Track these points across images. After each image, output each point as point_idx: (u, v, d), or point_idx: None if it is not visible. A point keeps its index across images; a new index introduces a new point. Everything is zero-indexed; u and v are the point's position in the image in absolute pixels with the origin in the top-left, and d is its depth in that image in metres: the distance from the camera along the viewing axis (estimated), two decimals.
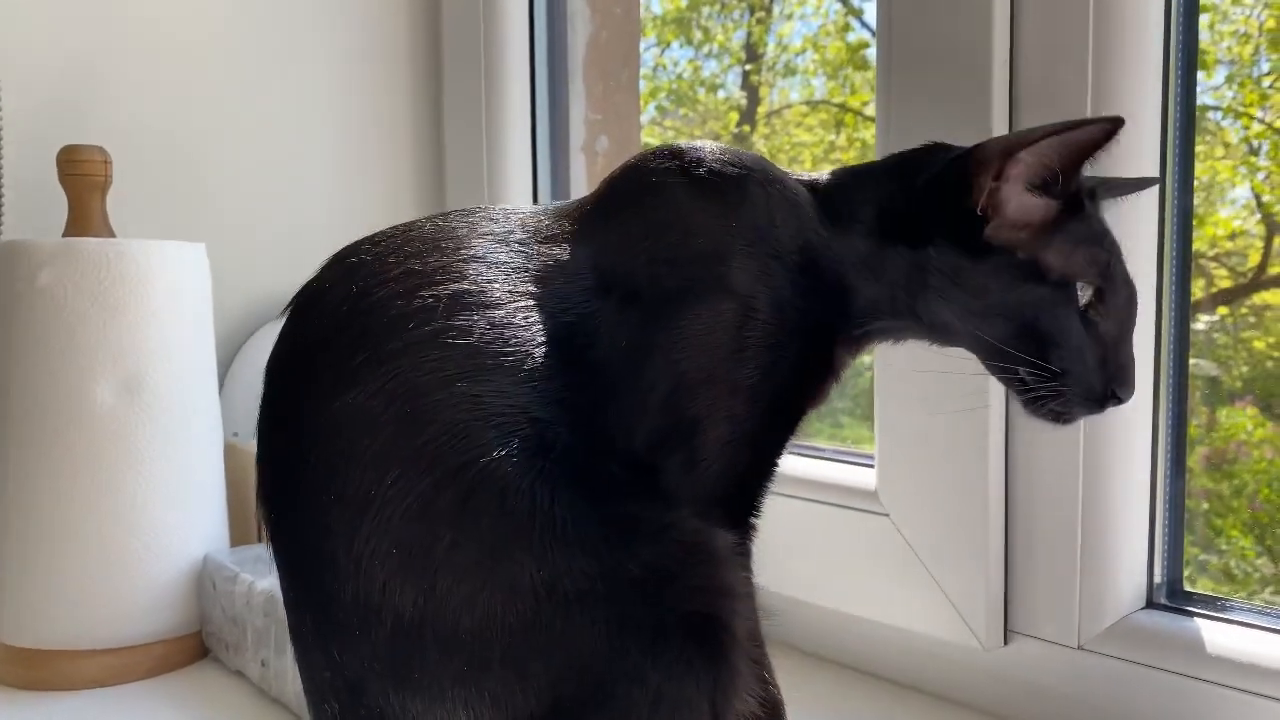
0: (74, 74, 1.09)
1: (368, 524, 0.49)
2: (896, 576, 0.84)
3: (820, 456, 0.96)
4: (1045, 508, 0.78)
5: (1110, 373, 0.59)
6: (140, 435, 0.90)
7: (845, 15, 1.86)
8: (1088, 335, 0.58)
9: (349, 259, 0.56)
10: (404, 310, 0.52)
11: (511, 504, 0.49)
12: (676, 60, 2.16)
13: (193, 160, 1.18)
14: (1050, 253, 0.58)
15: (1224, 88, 1.03)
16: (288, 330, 0.55)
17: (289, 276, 1.24)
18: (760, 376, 0.57)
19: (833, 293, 0.60)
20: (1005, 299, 0.58)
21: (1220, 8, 1.00)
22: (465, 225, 0.57)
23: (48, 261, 0.88)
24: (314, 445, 0.51)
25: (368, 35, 1.33)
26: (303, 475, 0.52)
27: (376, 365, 0.51)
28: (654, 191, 0.59)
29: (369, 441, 0.50)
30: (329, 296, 0.54)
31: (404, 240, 0.56)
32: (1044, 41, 0.76)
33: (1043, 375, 0.58)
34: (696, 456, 0.56)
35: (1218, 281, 1.10)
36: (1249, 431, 1.05)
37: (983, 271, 0.58)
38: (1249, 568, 1.03)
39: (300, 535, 0.52)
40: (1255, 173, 1.06)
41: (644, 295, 0.56)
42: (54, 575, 0.88)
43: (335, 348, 0.52)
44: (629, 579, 0.50)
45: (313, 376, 0.52)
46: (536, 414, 0.51)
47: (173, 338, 0.92)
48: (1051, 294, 0.58)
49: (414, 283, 0.53)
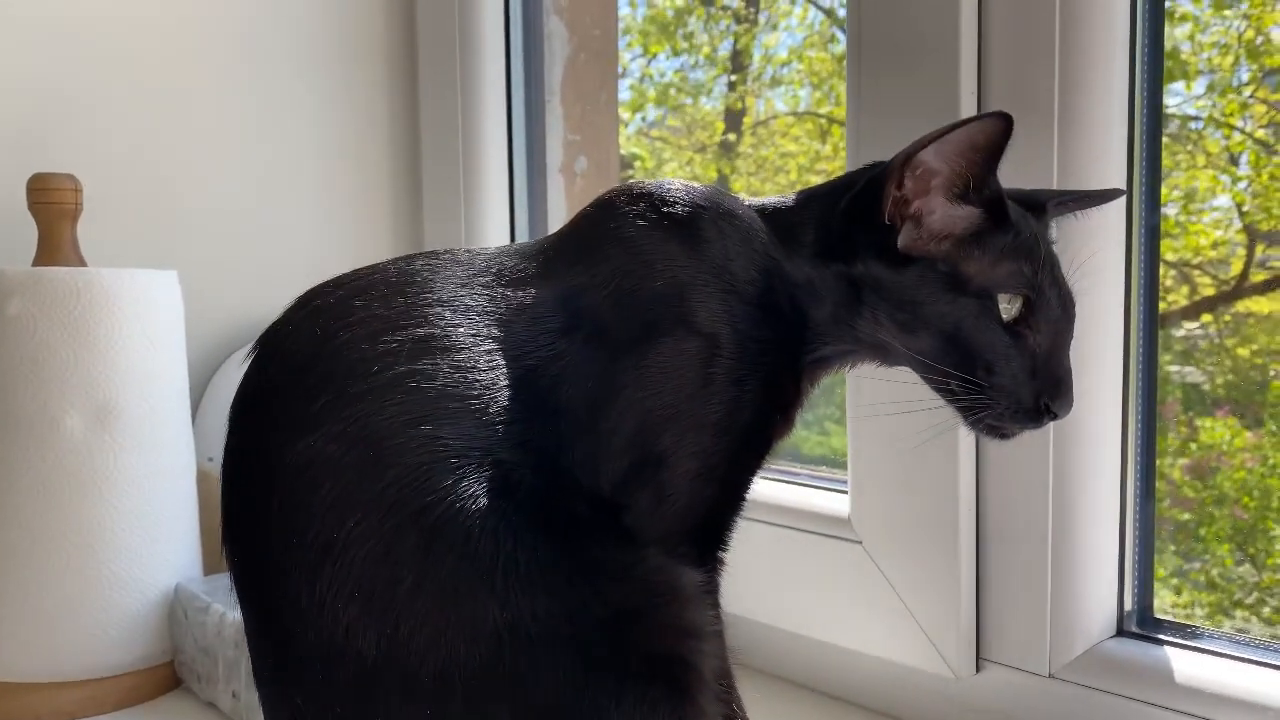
0: (43, 100, 1.09)
1: (330, 567, 0.49)
2: (869, 604, 0.84)
3: (794, 482, 0.96)
4: (1016, 536, 0.79)
5: (1041, 385, 0.58)
6: (111, 464, 0.89)
7: (829, 26, 1.87)
8: (1015, 347, 0.58)
9: (313, 302, 0.56)
10: (367, 354, 0.52)
11: (474, 546, 0.49)
12: (663, 71, 2.17)
13: (165, 187, 1.17)
14: (970, 263, 0.58)
15: (1205, 97, 1.03)
16: (252, 372, 0.55)
17: (263, 301, 1.25)
18: (725, 411, 0.57)
19: (789, 319, 0.60)
20: (928, 311, 0.58)
21: (1200, 19, 1.01)
22: (430, 269, 0.57)
23: (16, 291, 0.87)
24: (277, 488, 0.51)
25: (342, 55, 1.32)
26: (266, 518, 0.51)
27: (339, 409, 0.51)
28: (617, 233, 0.59)
29: (331, 485, 0.50)
30: (293, 339, 0.54)
31: (368, 284, 0.56)
32: (1013, 35, 0.76)
33: (970, 388, 0.58)
34: (664, 492, 0.56)
35: (1201, 289, 1.10)
36: (1228, 441, 1.06)
37: (906, 284, 0.58)
38: (1231, 576, 1.04)
39: (264, 577, 0.52)
40: (1236, 182, 1.06)
41: (609, 335, 0.56)
42: (23, 606, 0.88)
43: (298, 390, 0.52)
44: (594, 620, 0.50)
45: (276, 419, 0.52)
46: (500, 456, 0.51)
47: (144, 366, 0.91)
48: (974, 305, 0.58)
49: (377, 326, 0.53)
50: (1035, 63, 0.75)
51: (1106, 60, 0.75)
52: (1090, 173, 0.75)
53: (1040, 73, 0.74)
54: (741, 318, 0.58)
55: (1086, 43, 0.74)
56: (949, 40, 0.77)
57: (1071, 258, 0.71)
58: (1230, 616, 1.04)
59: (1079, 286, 0.62)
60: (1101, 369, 0.77)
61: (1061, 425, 0.76)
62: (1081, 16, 0.74)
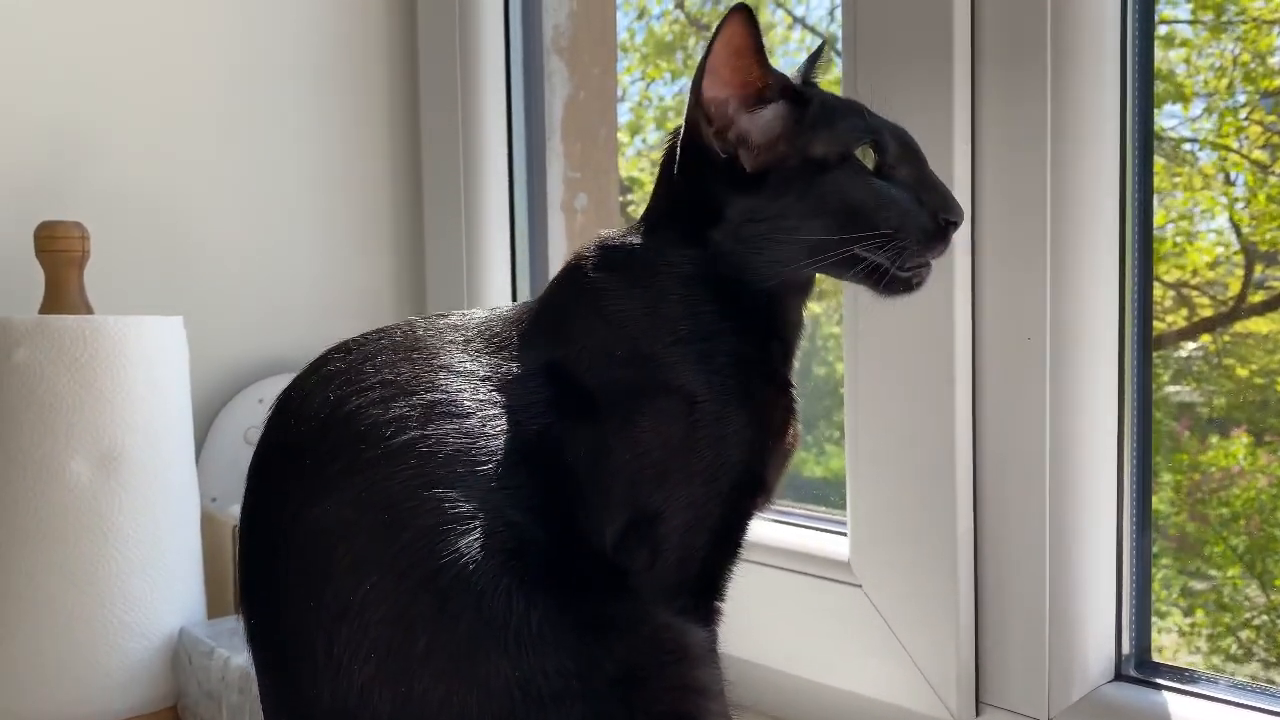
0: (50, 148, 1.10)
1: (346, 629, 0.50)
2: (869, 647, 0.85)
3: (794, 524, 0.96)
4: (1014, 580, 0.79)
5: (933, 204, 0.61)
6: (116, 509, 0.90)
7: (828, 51, 1.89)
8: (893, 187, 0.61)
9: (325, 367, 0.57)
10: (379, 419, 0.53)
11: (487, 606, 0.50)
12: (662, 96, 2.19)
13: (170, 232, 1.18)
14: (813, 144, 0.61)
15: (1202, 119, 1.05)
16: (268, 436, 0.57)
17: (266, 343, 1.26)
18: (713, 457, 0.58)
19: (731, 308, 0.61)
20: (810, 202, 0.60)
21: (1196, 42, 1.02)
22: (432, 333, 0.59)
23: (24, 339, 0.88)
24: (293, 551, 0.52)
25: (344, 96, 1.34)
26: (284, 580, 0.53)
27: (353, 474, 0.52)
28: (584, 298, 0.61)
29: (347, 549, 0.51)
30: (307, 404, 0.55)
31: (377, 349, 0.57)
32: (1007, 45, 0.77)
33: (879, 241, 0.60)
34: (659, 547, 0.58)
35: (1200, 310, 1.11)
36: (1240, 459, 1.06)
37: (776, 193, 0.61)
38: (1240, 596, 1.04)
39: (280, 638, 0.53)
40: (1234, 203, 1.07)
41: (595, 401, 0.58)
42: (27, 650, 0.88)
43: (313, 455, 0.53)
44: (604, 678, 0.51)
45: (292, 483, 0.54)
46: (511, 518, 0.53)
47: (149, 411, 0.92)
48: (841, 173, 0.60)
49: (389, 392, 0.54)
50: (1028, 70, 0.76)
51: (1098, 79, 0.76)
52: (1085, 192, 0.76)
53: (1033, 90, 0.76)
54: (706, 351, 0.59)
55: (1078, 62, 0.75)
56: (943, 46, 0.78)
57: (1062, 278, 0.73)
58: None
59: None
60: (1095, 408, 0.78)
61: (1059, 469, 0.77)
62: (1073, 37, 0.75)
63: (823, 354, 1.22)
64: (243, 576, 0.56)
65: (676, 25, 2.13)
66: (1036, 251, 0.77)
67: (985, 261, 0.79)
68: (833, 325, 1.21)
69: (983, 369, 0.80)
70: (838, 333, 1.20)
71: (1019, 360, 0.78)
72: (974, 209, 0.80)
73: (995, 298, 0.79)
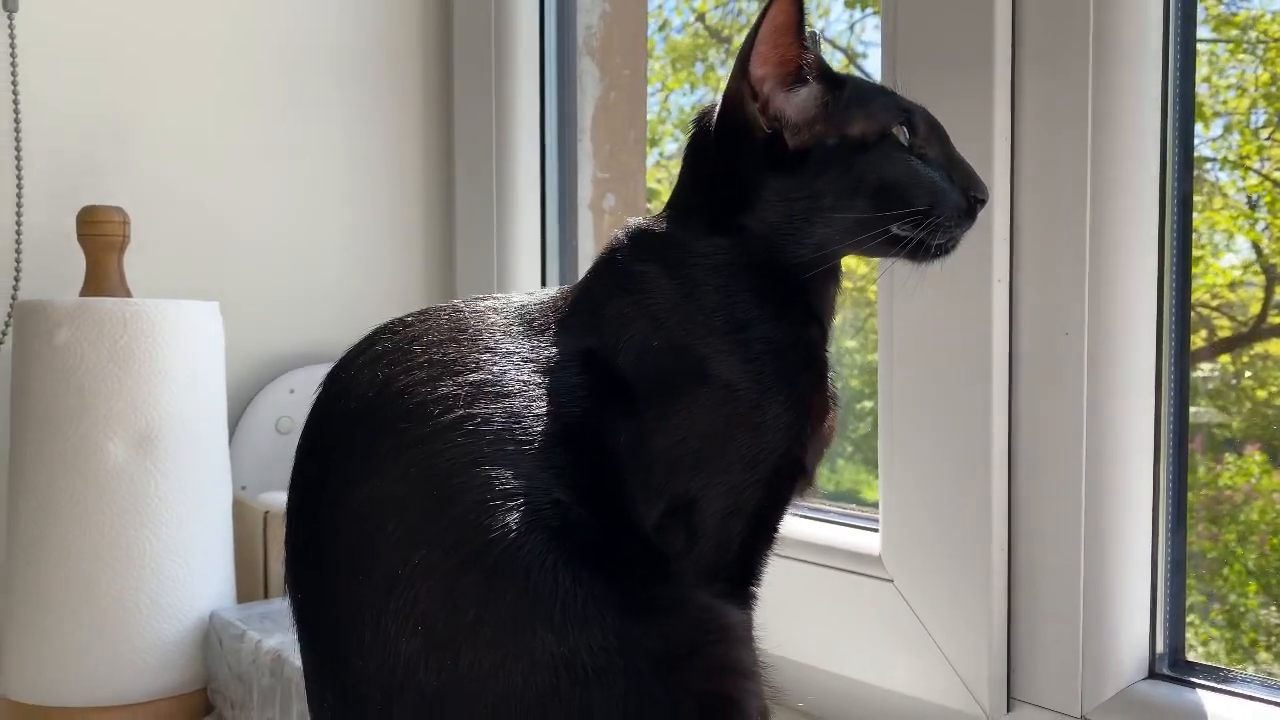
0: (92, 134, 1.11)
1: (394, 602, 0.51)
2: (900, 642, 0.85)
3: (825, 520, 0.96)
4: (1048, 576, 0.79)
5: (963, 182, 0.63)
6: (151, 491, 0.91)
7: (847, 66, 1.90)
8: (928, 165, 0.62)
9: (374, 346, 0.58)
10: (427, 398, 0.54)
11: (533, 582, 0.51)
12: (682, 106, 2.19)
13: (208, 218, 1.20)
14: (850, 124, 0.62)
15: (1222, 139, 1.05)
16: (318, 414, 0.58)
17: (297, 334, 1.27)
18: (751, 443, 0.59)
19: (770, 294, 0.61)
20: (848, 181, 0.61)
21: (1217, 61, 1.02)
22: (476, 316, 0.60)
23: (65, 321, 0.89)
24: (343, 526, 0.53)
25: (379, 92, 1.35)
26: (332, 554, 0.53)
27: (402, 450, 0.52)
28: (619, 289, 0.61)
29: (396, 524, 0.51)
30: (356, 381, 0.56)
31: (423, 330, 0.58)
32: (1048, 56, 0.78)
33: (917, 219, 0.61)
34: (697, 532, 0.58)
35: (1219, 331, 1.11)
36: (1255, 478, 1.06)
37: (815, 172, 0.61)
38: (1255, 617, 1.03)
39: (327, 611, 0.54)
40: (1255, 224, 1.07)
41: (633, 391, 0.58)
42: (61, 632, 0.89)
43: (362, 431, 0.54)
44: (647, 656, 0.51)
45: (342, 460, 0.54)
46: (557, 496, 0.53)
47: (185, 395, 0.93)
48: (879, 152, 0.61)
49: (436, 371, 0.55)
50: (1069, 67, 0.76)
51: (1139, 101, 0.76)
52: (1125, 190, 0.76)
53: (1074, 85, 0.76)
54: (743, 340, 0.59)
55: (1119, 63, 0.75)
56: (984, 47, 0.78)
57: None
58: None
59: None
60: (1133, 410, 0.78)
61: (1094, 465, 0.77)
62: (1114, 59, 0.75)
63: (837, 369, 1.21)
64: (290, 552, 0.57)
65: (699, 38, 2.14)
66: (1076, 246, 0.77)
67: (1023, 256, 0.80)
68: (846, 340, 1.21)
69: (1019, 363, 0.80)
70: (851, 346, 1.20)
71: (1056, 355, 0.78)
72: (1013, 203, 0.80)
73: (1033, 292, 0.79)
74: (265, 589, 1.03)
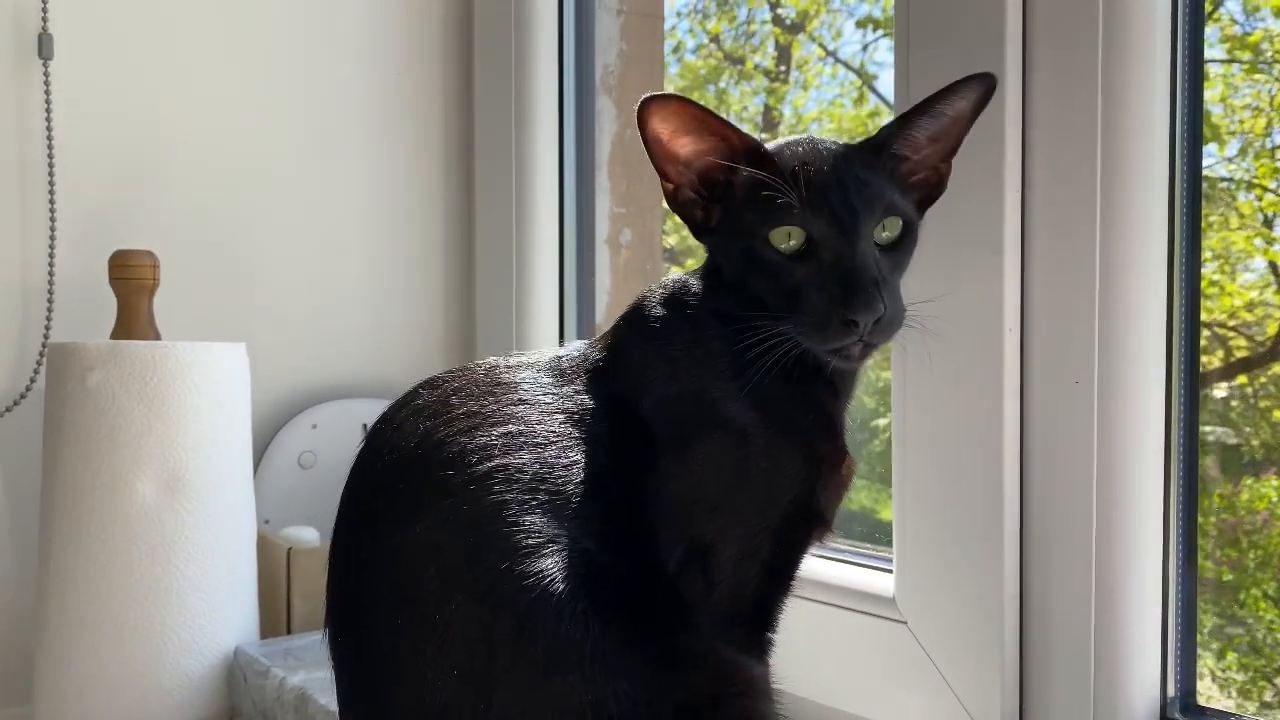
0: (125, 180, 1.14)
1: (432, 646, 0.53)
2: (913, 683, 0.86)
3: (840, 560, 0.98)
4: (1059, 620, 0.80)
5: (839, 298, 0.58)
6: (178, 529, 0.93)
7: (860, 86, 1.91)
8: (805, 271, 0.59)
9: (415, 401, 0.61)
10: (466, 446, 0.56)
11: (565, 629, 0.53)
12: None
13: (235, 262, 1.23)
14: (740, 215, 0.62)
15: (1237, 160, 1.05)
16: (362, 463, 0.60)
17: (320, 371, 1.30)
18: (764, 489, 0.60)
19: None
20: (730, 264, 0.63)
21: (1232, 81, 1.03)
22: (510, 370, 0.62)
23: (98, 363, 0.92)
24: (385, 570, 0.56)
25: (401, 131, 1.38)
26: (371, 599, 0.56)
27: (442, 497, 0.55)
28: (642, 338, 0.64)
29: (435, 570, 0.54)
30: (399, 434, 0.59)
31: (461, 384, 0.61)
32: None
33: (776, 321, 0.59)
34: (713, 577, 0.60)
35: (1236, 351, 1.11)
36: (1274, 502, 1.06)
37: (716, 249, 0.65)
38: (1274, 640, 1.03)
39: (364, 655, 0.56)
40: (1271, 244, 1.07)
41: (656, 436, 0.60)
42: (89, 667, 0.91)
43: (405, 480, 0.57)
44: (672, 706, 0.53)
45: (384, 507, 0.57)
46: (586, 545, 0.55)
47: (213, 435, 0.95)
48: (749, 246, 0.61)
49: (474, 423, 0.58)
50: (1078, 104, 0.77)
51: (1146, 122, 0.77)
52: (1132, 242, 0.77)
53: (1083, 119, 0.77)
54: (754, 387, 0.60)
55: (1127, 102, 0.76)
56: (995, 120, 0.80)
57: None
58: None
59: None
60: (1142, 450, 0.78)
61: (1104, 511, 0.78)
62: (1122, 79, 0.76)
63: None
64: (331, 594, 0.59)
65: (712, 58, 2.16)
66: (1085, 296, 0.78)
67: (1034, 305, 0.81)
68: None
69: (1030, 410, 0.81)
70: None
71: (1067, 403, 0.79)
72: (1025, 256, 0.81)
73: (1043, 341, 0.80)
74: (288, 624, 1.05)
